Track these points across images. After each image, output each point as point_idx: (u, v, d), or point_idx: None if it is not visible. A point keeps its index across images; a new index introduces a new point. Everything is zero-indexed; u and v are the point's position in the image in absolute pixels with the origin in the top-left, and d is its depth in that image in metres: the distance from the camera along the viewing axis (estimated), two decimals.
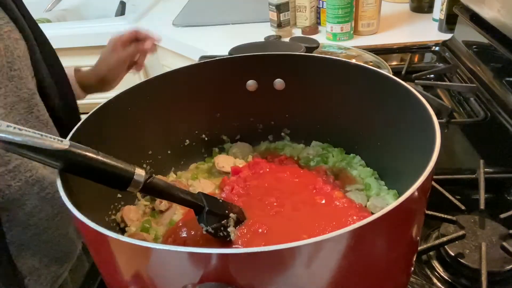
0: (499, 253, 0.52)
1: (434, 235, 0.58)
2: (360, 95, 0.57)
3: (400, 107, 0.50)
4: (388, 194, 0.56)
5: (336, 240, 0.30)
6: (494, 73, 0.89)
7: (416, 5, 1.41)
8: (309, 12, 1.31)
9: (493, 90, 0.87)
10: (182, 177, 0.63)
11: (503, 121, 0.80)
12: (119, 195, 0.56)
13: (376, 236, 0.34)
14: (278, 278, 0.31)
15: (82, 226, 0.34)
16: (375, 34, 1.28)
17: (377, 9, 1.25)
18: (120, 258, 0.36)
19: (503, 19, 0.83)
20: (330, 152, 0.64)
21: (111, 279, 0.41)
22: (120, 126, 0.55)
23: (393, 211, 0.32)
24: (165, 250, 0.30)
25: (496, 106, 0.84)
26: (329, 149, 0.65)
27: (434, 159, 0.36)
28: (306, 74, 0.60)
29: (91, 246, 0.39)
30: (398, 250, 0.39)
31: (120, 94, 0.54)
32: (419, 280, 0.53)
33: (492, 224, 0.56)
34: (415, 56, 1.14)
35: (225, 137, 0.68)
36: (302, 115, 0.64)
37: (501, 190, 0.66)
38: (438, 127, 0.40)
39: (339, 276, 0.33)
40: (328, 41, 1.25)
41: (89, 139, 0.48)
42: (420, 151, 0.42)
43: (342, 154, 0.64)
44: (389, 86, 0.50)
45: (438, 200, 0.61)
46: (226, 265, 0.30)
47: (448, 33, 1.18)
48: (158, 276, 0.34)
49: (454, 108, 0.90)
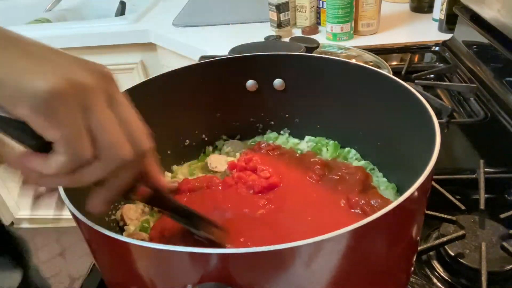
0: (499, 253, 0.52)
1: (434, 235, 0.58)
2: (360, 95, 0.57)
3: (400, 107, 0.50)
4: (387, 190, 0.56)
5: (336, 240, 0.30)
6: (494, 73, 0.89)
7: (416, 5, 1.41)
8: (309, 12, 1.31)
9: (493, 90, 0.87)
10: (178, 172, 0.63)
11: (503, 121, 0.80)
12: None
13: (376, 236, 0.34)
14: (278, 278, 0.31)
15: (82, 225, 0.34)
16: (375, 34, 1.28)
17: (377, 9, 1.25)
18: (120, 258, 0.36)
19: (503, 19, 0.83)
20: (324, 145, 0.64)
21: (111, 279, 0.41)
22: None
23: (393, 211, 0.32)
24: (165, 250, 0.30)
25: (496, 106, 0.83)
26: (323, 142, 0.65)
27: (434, 159, 0.36)
28: (306, 74, 0.60)
29: (91, 246, 0.39)
30: (398, 250, 0.39)
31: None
32: (419, 280, 0.53)
33: (492, 224, 0.56)
34: (415, 56, 1.14)
35: (225, 137, 0.68)
36: (302, 115, 0.65)
37: (501, 190, 0.66)
38: (438, 127, 0.40)
39: (339, 276, 0.33)
40: (328, 41, 1.25)
41: None
42: (420, 151, 0.42)
43: (337, 148, 0.64)
44: (389, 86, 0.50)
45: (438, 200, 0.61)
46: (226, 265, 0.30)
47: (448, 33, 1.18)
48: (158, 276, 0.34)
49: (454, 108, 0.90)
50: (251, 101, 0.64)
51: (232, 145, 0.66)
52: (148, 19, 1.55)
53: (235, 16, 1.46)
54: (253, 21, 1.41)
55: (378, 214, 0.31)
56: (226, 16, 1.47)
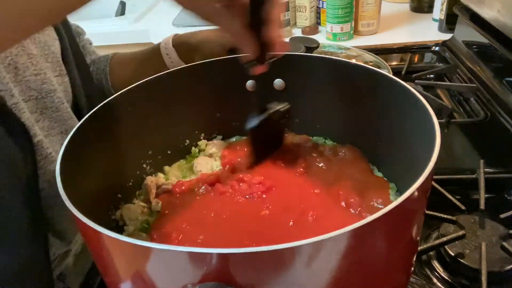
0: (499, 253, 0.53)
1: (434, 235, 0.58)
2: (360, 95, 0.57)
3: (400, 107, 0.50)
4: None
5: (336, 240, 0.30)
6: (494, 73, 0.89)
7: (416, 5, 1.41)
8: (309, 12, 1.31)
9: (493, 90, 0.87)
10: (170, 173, 0.63)
11: (503, 121, 0.80)
12: (119, 195, 0.56)
13: (376, 236, 0.34)
14: (278, 278, 0.31)
15: (82, 225, 0.34)
16: (375, 34, 1.28)
17: (377, 9, 1.25)
18: (120, 258, 0.36)
19: (503, 19, 0.83)
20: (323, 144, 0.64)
21: (111, 279, 0.41)
22: (120, 126, 0.55)
23: (393, 211, 0.32)
24: (165, 250, 0.30)
25: (496, 106, 0.84)
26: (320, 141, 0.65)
27: (434, 159, 0.36)
28: (306, 74, 0.60)
29: (91, 246, 0.39)
30: (398, 250, 0.39)
31: (119, 94, 0.54)
32: (419, 280, 0.53)
33: (492, 224, 0.56)
34: (415, 56, 1.14)
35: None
36: (302, 115, 0.64)
37: (501, 190, 0.66)
38: (438, 127, 0.40)
39: (339, 276, 0.33)
40: (328, 41, 1.25)
41: (89, 139, 0.48)
42: (420, 151, 0.42)
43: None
44: (389, 86, 0.50)
45: (438, 200, 0.61)
46: (226, 265, 0.30)
47: (448, 33, 1.18)
48: (158, 276, 0.34)
49: (454, 108, 0.90)
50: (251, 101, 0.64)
51: (216, 146, 0.65)
52: (148, 19, 1.55)
53: None
54: None
55: (378, 214, 0.31)
56: None
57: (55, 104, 0.63)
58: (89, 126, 0.48)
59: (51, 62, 0.65)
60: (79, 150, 0.45)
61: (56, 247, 0.66)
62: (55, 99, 0.63)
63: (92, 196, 0.48)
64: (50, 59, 0.64)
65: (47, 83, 0.62)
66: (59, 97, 0.64)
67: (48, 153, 0.60)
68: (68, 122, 0.66)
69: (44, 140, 0.60)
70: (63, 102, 0.65)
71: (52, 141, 0.63)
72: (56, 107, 0.64)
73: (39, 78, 0.61)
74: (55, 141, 0.63)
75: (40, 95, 0.61)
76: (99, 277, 0.59)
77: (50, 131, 0.63)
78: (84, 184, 0.46)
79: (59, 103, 0.64)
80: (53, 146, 0.62)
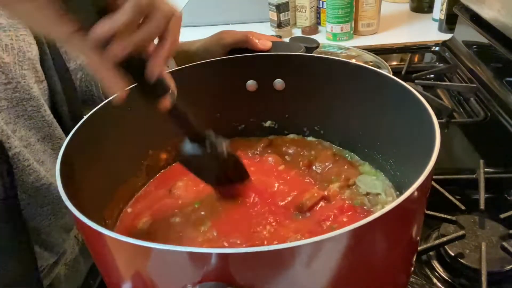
0: (499, 253, 0.53)
1: (434, 235, 0.58)
2: (360, 95, 0.57)
3: (400, 107, 0.50)
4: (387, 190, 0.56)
5: (336, 240, 0.30)
6: (494, 73, 0.89)
7: (416, 5, 1.41)
8: (309, 12, 1.31)
9: (493, 90, 0.87)
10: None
11: (503, 121, 0.80)
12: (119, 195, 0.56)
13: (376, 236, 0.34)
14: (278, 278, 0.31)
15: (82, 225, 0.34)
16: (375, 34, 1.28)
17: (377, 9, 1.25)
18: (120, 258, 0.36)
19: (503, 19, 0.83)
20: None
21: (111, 279, 0.41)
22: (120, 126, 0.54)
23: (393, 211, 0.32)
24: (165, 250, 0.30)
25: (496, 106, 0.84)
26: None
27: (434, 159, 0.36)
28: (306, 74, 0.60)
29: (91, 246, 0.39)
30: (398, 250, 0.39)
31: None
32: (419, 280, 0.53)
33: (492, 224, 0.56)
34: (415, 56, 1.14)
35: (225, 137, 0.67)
36: (302, 115, 0.64)
37: (501, 190, 0.66)
38: (438, 127, 0.40)
39: (339, 276, 0.33)
40: (328, 41, 1.25)
41: (89, 139, 0.48)
42: (420, 151, 0.42)
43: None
44: (389, 86, 0.50)
45: (438, 200, 0.61)
46: (226, 265, 0.30)
47: (448, 33, 1.18)
48: (158, 276, 0.34)
49: (454, 108, 0.90)
50: (251, 101, 0.64)
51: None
52: None
53: (235, 16, 1.46)
54: (253, 21, 1.42)
55: (378, 214, 0.31)
56: (226, 16, 1.47)
57: (27, 112, 0.61)
58: (89, 127, 0.48)
59: (27, 69, 0.62)
60: (79, 151, 0.45)
61: (44, 259, 0.65)
62: (28, 107, 0.61)
63: (93, 196, 0.48)
64: (26, 66, 0.61)
65: (19, 92, 0.59)
66: (32, 105, 0.61)
67: (25, 165, 0.58)
68: (45, 130, 0.64)
69: (24, 150, 0.58)
70: (39, 110, 0.62)
71: (33, 151, 0.61)
72: (29, 115, 0.61)
73: (10, 87, 0.59)
74: (36, 150, 0.62)
75: (11, 104, 0.59)
76: (99, 277, 0.59)
77: (29, 140, 0.61)
78: (85, 185, 0.46)
79: (32, 111, 0.61)
80: (35, 155, 0.61)
